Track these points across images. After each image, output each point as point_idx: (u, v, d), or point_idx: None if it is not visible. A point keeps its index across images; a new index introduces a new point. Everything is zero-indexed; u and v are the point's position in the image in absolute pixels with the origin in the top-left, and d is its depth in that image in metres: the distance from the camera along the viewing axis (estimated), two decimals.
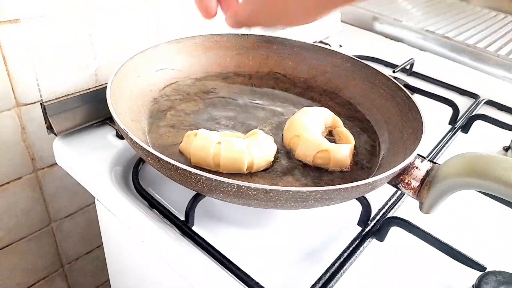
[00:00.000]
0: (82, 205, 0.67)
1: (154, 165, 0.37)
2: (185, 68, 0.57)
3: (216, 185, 0.33)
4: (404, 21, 0.99)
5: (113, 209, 0.46)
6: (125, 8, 0.53)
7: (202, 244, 0.38)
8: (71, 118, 0.50)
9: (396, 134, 0.48)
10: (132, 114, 0.46)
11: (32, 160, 0.56)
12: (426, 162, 0.40)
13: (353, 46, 0.90)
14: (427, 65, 0.82)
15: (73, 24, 0.49)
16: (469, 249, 0.37)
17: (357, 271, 0.38)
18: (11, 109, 0.51)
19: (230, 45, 0.60)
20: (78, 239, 0.70)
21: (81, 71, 0.52)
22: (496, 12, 1.15)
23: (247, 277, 0.35)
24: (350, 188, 0.33)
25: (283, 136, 0.48)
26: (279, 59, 0.62)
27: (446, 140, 0.59)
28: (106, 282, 0.82)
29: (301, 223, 0.44)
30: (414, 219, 0.40)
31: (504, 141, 0.60)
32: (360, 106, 0.56)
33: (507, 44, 0.92)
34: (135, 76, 0.50)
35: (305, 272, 0.38)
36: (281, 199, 0.33)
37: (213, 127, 0.49)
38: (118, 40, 0.55)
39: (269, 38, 0.62)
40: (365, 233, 0.41)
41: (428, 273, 0.40)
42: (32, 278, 0.67)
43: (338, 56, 0.59)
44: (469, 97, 0.74)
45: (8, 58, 0.47)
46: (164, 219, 0.41)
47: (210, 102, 0.54)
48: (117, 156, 0.48)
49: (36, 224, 0.62)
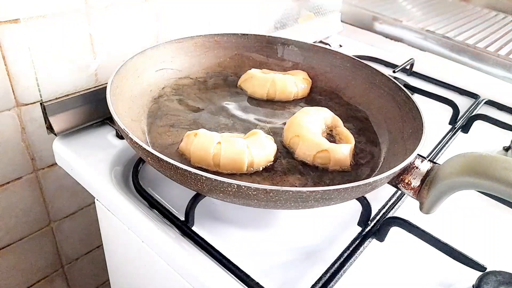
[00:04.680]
0: (82, 205, 0.67)
1: (154, 165, 0.37)
2: (185, 68, 0.57)
3: (216, 185, 0.33)
4: (404, 21, 0.99)
5: (113, 209, 0.46)
6: (125, 8, 0.53)
7: (202, 244, 0.38)
8: (71, 118, 0.50)
9: (396, 134, 0.48)
10: (132, 114, 0.46)
11: (32, 160, 0.56)
12: (426, 162, 0.40)
13: (353, 46, 0.90)
14: (427, 65, 0.82)
15: (73, 24, 0.49)
16: (469, 249, 0.37)
17: (357, 271, 0.38)
18: (11, 109, 0.51)
19: (230, 45, 0.60)
20: (78, 239, 0.70)
21: (81, 71, 0.52)
22: (496, 12, 1.15)
23: (247, 277, 0.35)
24: (350, 188, 0.33)
25: (283, 136, 0.48)
26: (279, 59, 0.62)
27: (446, 140, 0.59)
28: (106, 282, 0.82)
29: (301, 223, 0.44)
30: (414, 219, 0.40)
31: (504, 141, 0.60)
32: (360, 106, 0.56)
33: (507, 44, 0.92)
34: (135, 76, 0.50)
35: (305, 272, 0.38)
36: (281, 199, 0.33)
37: (213, 127, 0.49)
38: (118, 40, 0.55)
39: (269, 38, 0.62)
40: (365, 233, 0.41)
41: (428, 273, 0.40)
42: (32, 278, 0.67)
43: (338, 56, 0.59)
44: (469, 97, 0.74)
45: (8, 58, 0.47)
46: (164, 219, 0.41)
47: (210, 102, 0.54)
48: (117, 156, 0.48)
49: (36, 224, 0.62)
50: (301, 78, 0.58)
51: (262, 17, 0.76)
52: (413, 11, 1.10)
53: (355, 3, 1.06)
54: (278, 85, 0.56)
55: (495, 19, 1.10)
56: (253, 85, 0.56)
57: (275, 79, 0.56)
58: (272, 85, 0.56)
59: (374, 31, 1.02)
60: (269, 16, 0.77)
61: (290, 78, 0.57)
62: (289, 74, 0.59)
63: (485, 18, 1.09)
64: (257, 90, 0.56)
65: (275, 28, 0.79)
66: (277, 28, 0.79)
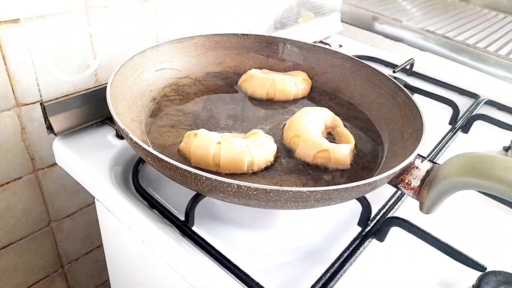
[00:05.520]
0: (82, 205, 0.67)
1: (154, 165, 0.37)
2: (185, 68, 0.57)
3: (216, 185, 0.33)
4: (404, 21, 0.99)
5: (113, 209, 0.46)
6: (125, 8, 0.53)
7: (202, 244, 0.38)
8: (71, 118, 0.50)
9: (396, 134, 0.48)
10: (132, 114, 0.46)
11: (32, 160, 0.56)
12: (426, 162, 0.40)
13: (353, 46, 0.90)
14: (427, 65, 0.82)
15: (73, 24, 0.49)
16: (469, 249, 0.37)
17: (357, 271, 0.38)
18: (11, 109, 0.51)
19: (230, 45, 0.60)
20: (78, 239, 0.70)
21: (81, 71, 0.52)
22: (496, 12, 1.15)
23: (247, 277, 0.35)
24: (350, 188, 0.33)
25: (283, 136, 0.48)
26: (279, 59, 0.62)
27: (446, 140, 0.59)
28: (106, 282, 0.82)
29: (301, 223, 0.44)
30: (414, 219, 0.40)
31: (504, 141, 0.60)
32: (360, 106, 0.56)
33: (507, 44, 0.92)
34: (135, 76, 0.50)
35: (305, 272, 0.38)
36: (281, 199, 0.33)
37: (213, 127, 0.49)
38: (118, 40, 0.55)
39: (269, 38, 0.62)
40: (365, 233, 0.41)
41: (428, 273, 0.40)
42: (32, 278, 0.67)
43: (338, 56, 0.59)
44: (469, 97, 0.74)
45: (8, 58, 0.47)
46: (164, 219, 0.41)
47: (210, 102, 0.54)
48: (117, 156, 0.48)
49: (36, 224, 0.62)
50: (301, 78, 0.58)
51: (262, 17, 0.76)
52: (413, 11, 1.10)
53: (355, 3, 1.06)
54: (278, 85, 0.56)
55: (495, 19, 1.10)
56: (253, 85, 0.56)
57: (275, 79, 0.56)
58: (272, 85, 0.56)
59: (374, 31, 1.02)
60: (269, 16, 0.77)
61: (290, 78, 0.57)
62: (289, 75, 0.59)
63: (485, 18, 1.09)
64: (257, 90, 0.56)
65: (275, 28, 0.79)
66: (277, 28, 0.79)
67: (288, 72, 0.61)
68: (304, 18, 0.85)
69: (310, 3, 0.85)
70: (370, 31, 1.02)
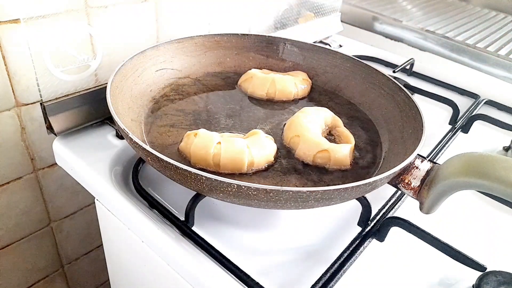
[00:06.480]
0: (82, 205, 0.67)
1: (154, 165, 0.37)
2: (185, 68, 0.57)
3: (216, 185, 0.33)
4: (404, 21, 0.99)
5: (113, 209, 0.46)
6: (125, 8, 0.53)
7: (202, 244, 0.38)
8: (71, 118, 0.50)
9: (396, 134, 0.48)
10: (132, 114, 0.46)
11: (32, 160, 0.56)
12: (426, 162, 0.40)
13: (353, 46, 0.90)
14: (427, 65, 0.82)
15: (73, 24, 0.49)
16: (469, 249, 0.37)
17: (357, 271, 0.38)
18: (11, 109, 0.51)
19: (230, 45, 0.60)
20: (78, 239, 0.70)
21: (81, 71, 0.52)
22: (496, 12, 1.15)
23: (247, 277, 0.35)
24: (350, 188, 0.33)
25: (283, 136, 0.48)
26: (279, 59, 0.62)
27: (446, 140, 0.59)
28: (106, 282, 0.82)
29: (301, 223, 0.44)
30: (414, 219, 0.40)
31: (504, 141, 0.60)
32: (360, 106, 0.56)
33: (507, 44, 0.92)
34: (135, 76, 0.50)
35: (305, 272, 0.38)
36: (281, 199, 0.33)
37: (213, 127, 0.49)
38: (118, 40, 0.55)
39: (269, 38, 0.62)
40: (365, 233, 0.41)
41: (428, 273, 0.40)
42: (32, 278, 0.67)
43: (338, 56, 0.59)
44: (469, 97, 0.74)
45: (8, 58, 0.47)
46: (164, 219, 0.41)
47: (210, 102, 0.54)
48: (117, 156, 0.48)
49: (36, 224, 0.62)
50: (301, 78, 0.58)
51: (262, 17, 0.76)
52: (413, 11, 1.10)
53: (355, 3, 1.06)
54: (278, 85, 0.56)
55: (495, 19, 1.10)
56: (253, 85, 0.56)
57: (275, 79, 0.56)
58: (272, 85, 0.56)
59: (374, 31, 1.02)
60: (269, 16, 0.77)
61: (290, 78, 0.57)
62: (289, 75, 0.59)
63: (485, 18, 1.09)
64: (257, 90, 0.56)
65: (275, 28, 0.79)
66: (277, 28, 0.79)
67: (288, 72, 0.61)
68: (304, 18, 0.85)
69: (310, 3, 0.85)
70: (370, 31, 1.02)
